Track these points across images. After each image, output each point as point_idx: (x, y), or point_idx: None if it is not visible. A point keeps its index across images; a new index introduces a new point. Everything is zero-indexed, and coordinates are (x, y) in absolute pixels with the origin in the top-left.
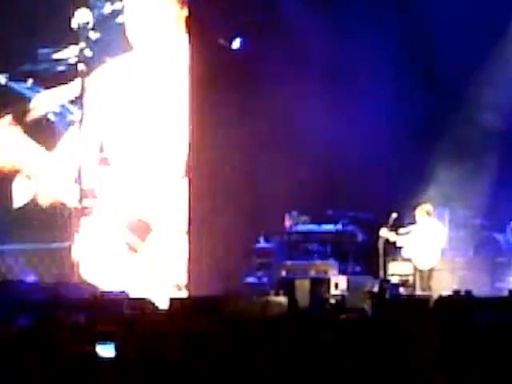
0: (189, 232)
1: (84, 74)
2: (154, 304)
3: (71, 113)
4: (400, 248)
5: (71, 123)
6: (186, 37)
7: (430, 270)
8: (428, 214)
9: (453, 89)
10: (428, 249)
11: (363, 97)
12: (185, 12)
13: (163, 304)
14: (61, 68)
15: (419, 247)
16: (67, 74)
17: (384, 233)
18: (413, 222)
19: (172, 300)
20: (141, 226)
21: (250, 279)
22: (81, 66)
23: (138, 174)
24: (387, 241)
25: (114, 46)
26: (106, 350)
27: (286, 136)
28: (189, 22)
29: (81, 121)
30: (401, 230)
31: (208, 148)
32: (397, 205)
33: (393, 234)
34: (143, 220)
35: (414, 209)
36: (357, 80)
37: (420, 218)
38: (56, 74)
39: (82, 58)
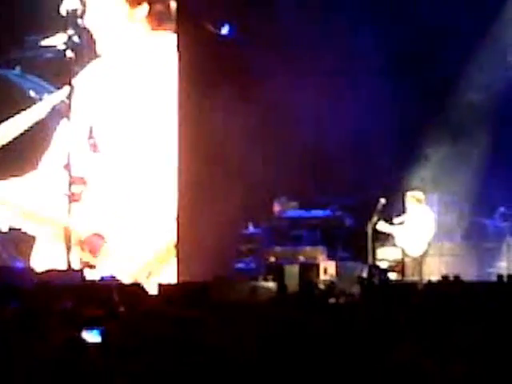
0: (178, 218)
1: (72, 61)
2: (143, 289)
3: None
4: (390, 235)
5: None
6: (174, 23)
7: (422, 256)
8: (418, 201)
9: (443, 73)
10: (419, 236)
11: (352, 85)
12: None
13: (152, 290)
14: (49, 55)
15: (410, 235)
16: (55, 61)
17: (382, 227)
18: (402, 209)
19: (161, 286)
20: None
21: (239, 265)
22: (69, 53)
23: (127, 161)
24: (383, 232)
25: None
26: (93, 336)
27: (274, 124)
28: (178, 8)
29: (69, 107)
30: (395, 221)
31: (197, 135)
32: (386, 190)
33: (390, 226)
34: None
35: (404, 196)
36: (345, 69)
37: (410, 206)
38: (44, 61)
39: (70, 45)
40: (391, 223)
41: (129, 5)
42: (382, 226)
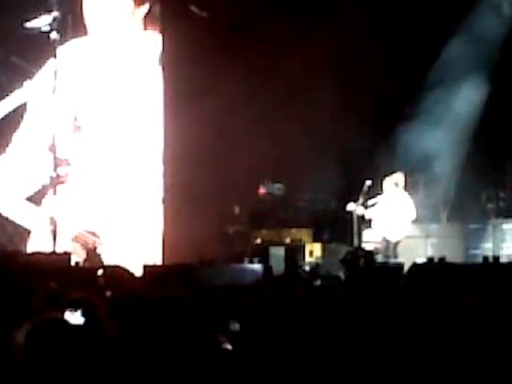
0: (164, 200)
1: (57, 43)
2: (127, 271)
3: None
4: (369, 220)
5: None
6: (158, 6)
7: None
8: (396, 185)
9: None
10: (396, 220)
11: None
12: None
13: (137, 271)
14: (33, 37)
15: (387, 219)
16: (40, 43)
17: (351, 207)
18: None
19: (146, 267)
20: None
21: (225, 247)
22: (54, 35)
23: (112, 143)
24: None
25: None
26: (75, 317)
27: (262, 107)
28: None
29: (54, 89)
30: (368, 203)
31: (183, 118)
32: (371, 172)
33: (360, 207)
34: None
35: (382, 179)
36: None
37: (388, 189)
38: (28, 43)
39: (54, 27)
40: (364, 206)
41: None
42: (353, 207)
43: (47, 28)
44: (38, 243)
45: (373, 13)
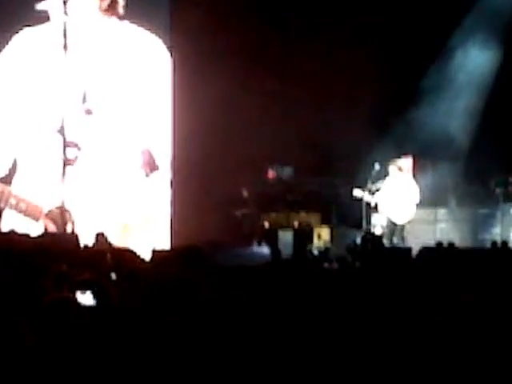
0: (173, 183)
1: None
2: (136, 254)
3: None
4: (375, 205)
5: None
6: None
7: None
8: (400, 169)
9: None
10: (401, 204)
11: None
12: None
13: (146, 255)
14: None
15: (392, 203)
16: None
17: (357, 193)
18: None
19: (155, 251)
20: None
21: (234, 230)
22: (64, 18)
23: (122, 126)
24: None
25: None
26: (86, 298)
27: (272, 90)
28: None
29: (63, 70)
30: (373, 188)
31: (192, 101)
32: (380, 156)
33: (366, 193)
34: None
35: (386, 164)
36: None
37: (392, 174)
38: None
39: (64, 9)
40: (370, 192)
41: None
42: (358, 193)
43: (56, 10)
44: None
45: None
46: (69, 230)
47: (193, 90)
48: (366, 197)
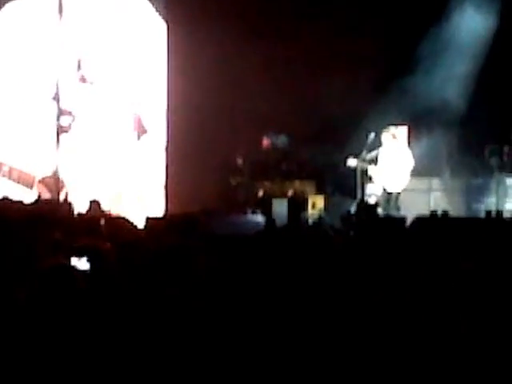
0: (167, 149)
1: None
2: (130, 222)
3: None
4: (370, 175)
5: None
6: None
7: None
8: (393, 136)
9: None
10: (395, 172)
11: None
12: None
13: (140, 223)
14: None
15: (386, 172)
16: None
17: (351, 162)
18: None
19: (148, 219)
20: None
21: (228, 198)
22: None
23: (116, 91)
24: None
25: None
26: (82, 263)
27: (267, 56)
28: None
29: (58, 38)
30: (367, 157)
31: (186, 67)
32: (375, 124)
33: (360, 162)
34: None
35: (380, 132)
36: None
37: (385, 142)
38: None
39: None
40: (364, 161)
41: None
42: (352, 162)
43: None
44: None
45: None
46: (62, 197)
47: (187, 55)
48: (361, 166)
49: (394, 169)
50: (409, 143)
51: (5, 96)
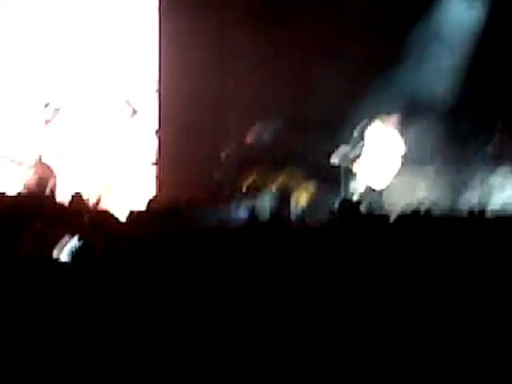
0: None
1: None
2: (113, 215)
3: None
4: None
5: None
6: None
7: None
8: (383, 126)
9: None
10: (380, 168)
11: None
12: None
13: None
14: None
15: (371, 168)
16: None
17: (335, 160)
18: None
19: (132, 212)
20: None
21: (213, 191)
22: None
23: (105, 75)
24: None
25: None
26: (64, 254)
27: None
28: None
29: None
30: (351, 155)
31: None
32: (364, 116)
33: (343, 161)
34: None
35: (366, 123)
36: None
37: (374, 133)
38: None
39: None
40: (347, 158)
41: None
42: (336, 160)
43: None
44: None
45: None
46: (50, 185)
47: (180, 39)
48: (345, 162)
49: (379, 164)
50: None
51: None
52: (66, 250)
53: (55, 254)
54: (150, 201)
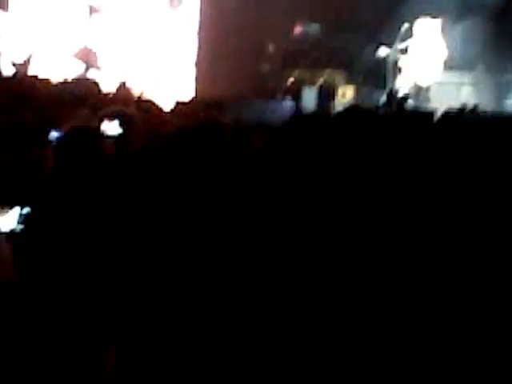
0: (199, 38)
1: None
2: (158, 106)
3: None
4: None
5: None
6: None
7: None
8: (427, 28)
9: None
10: (427, 65)
11: None
12: None
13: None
14: None
15: (417, 64)
16: None
17: (382, 52)
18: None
19: (178, 103)
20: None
21: (257, 85)
22: None
23: None
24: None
25: None
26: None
27: None
28: None
29: None
30: (399, 47)
31: None
32: (410, 16)
33: (392, 52)
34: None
35: (413, 22)
36: None
37: (418, 33)
38: None
39: None
40: (395, 50)
41: None
42: (383, 52)
43: None
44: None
45: None
46: (94, 73)
47: None
48: (392, 56)
49: (425, 61)
50: (442, 35)
51: None
52: (112, 124)
53: (103, 127)
54: (193, 97)
